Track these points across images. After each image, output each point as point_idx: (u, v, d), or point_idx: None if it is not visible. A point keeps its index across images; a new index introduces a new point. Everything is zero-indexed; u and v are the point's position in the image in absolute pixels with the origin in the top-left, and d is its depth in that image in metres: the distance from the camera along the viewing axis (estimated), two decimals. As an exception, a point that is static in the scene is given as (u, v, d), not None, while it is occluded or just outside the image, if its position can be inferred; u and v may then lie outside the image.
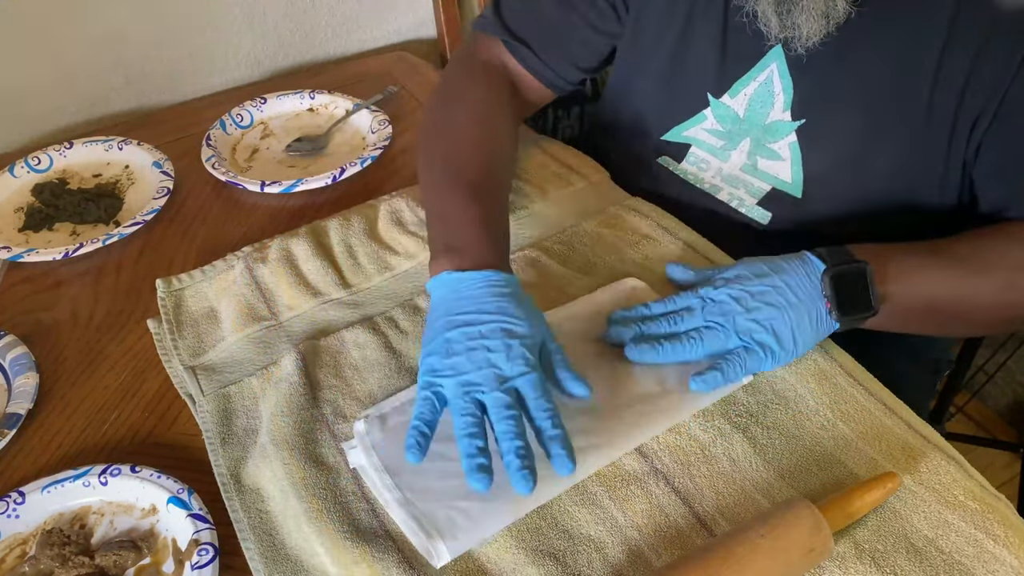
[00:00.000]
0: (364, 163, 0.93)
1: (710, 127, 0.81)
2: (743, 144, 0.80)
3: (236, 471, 0.60)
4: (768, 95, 0.76)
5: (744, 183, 0.81)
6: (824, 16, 0.66)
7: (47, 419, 0.67)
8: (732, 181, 0.82)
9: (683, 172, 0.85)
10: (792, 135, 0.76)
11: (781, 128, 0.77)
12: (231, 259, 0.78)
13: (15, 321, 0.76)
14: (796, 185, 0.78)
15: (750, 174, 0.81)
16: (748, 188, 0.81)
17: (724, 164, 0.82)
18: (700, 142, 0.83)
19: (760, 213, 0.81)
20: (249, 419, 0.64)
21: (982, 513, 0.54)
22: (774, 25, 0.69)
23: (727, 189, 0.82)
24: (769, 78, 0.76)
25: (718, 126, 0.81)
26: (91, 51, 1.06)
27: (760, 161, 0.79)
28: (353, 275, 0.76)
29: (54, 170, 0.97)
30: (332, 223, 0.81)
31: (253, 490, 0.59)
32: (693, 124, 0.83)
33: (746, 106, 0.78)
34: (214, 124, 1.01)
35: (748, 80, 0.77)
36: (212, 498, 0.58)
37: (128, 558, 0.55)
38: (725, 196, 0.83)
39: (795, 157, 0.77)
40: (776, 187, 0.79)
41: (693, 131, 0.83)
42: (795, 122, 0.76)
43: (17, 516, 0.58)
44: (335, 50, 1.25)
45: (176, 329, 0.72)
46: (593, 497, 0.57)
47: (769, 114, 0.77)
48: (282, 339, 0.70)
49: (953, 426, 1.61)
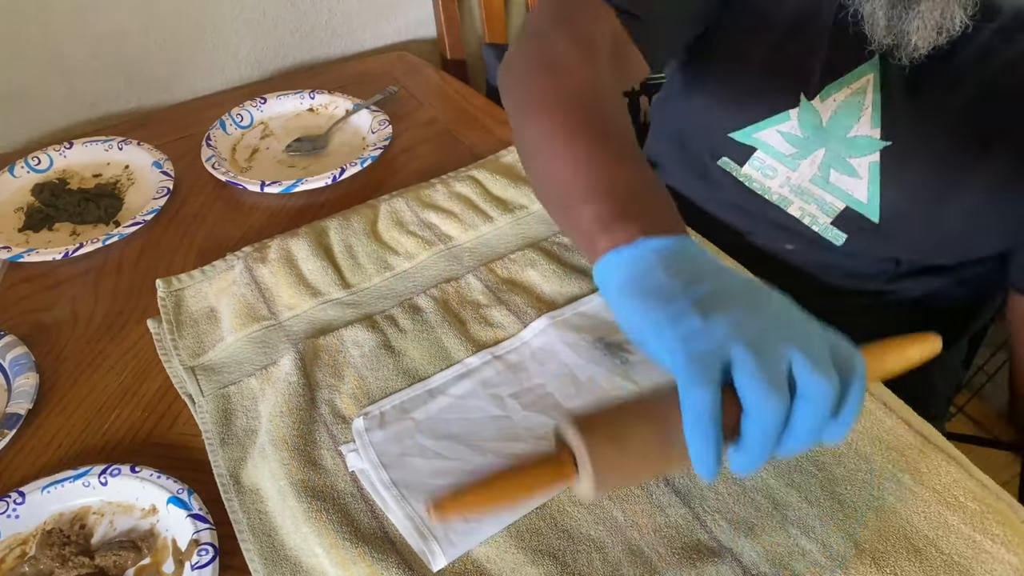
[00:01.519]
0: (364, 163, 0.93)
1: (788, 130, 0.75)
2: (816, 154, 0.74)
3: (235, 471, 0.60)
4: (858, 106, 0.71)
5: (816, 198, 0.75)
6: (937, 27, 0.62)
7: (47, 419, 0.67)
8: (802, 194, 0.76)
9: (747, 178, 0.79)
10: (876, 154, 0.71)
11: (865, 144, 0.71)
12: (231, 259, 0.78)
13: (15, 321, 0.76)
14: (873, 208, 0.72)
15: (821, 187, 0.75)
16: (820, 204, 0.75)
17: (792, 173, 0.76)
18: (768, 147, 0.77)
19: (835, 234, 0.75)
20: (248, 419, 0.64)
21: (981, 514, 0.54)
22: (880, 28, 0.64)
23: (798, 203, 0.77)
24: (863, 88, 0.71)
25: (798, 131, 0.75)
26: (91, 51, 1.06)
27: (833, 174, 0.74)
28: (353, 275, 0.76)
29: (54, 170, 0.97)
30: (332, 223, 0.81)
31: (252, 490, 0.59)
32: (771, 124, 0.76)
33: (832, 114, 0.73)
34: (214, 124, 1.01)
35: (841, 86, 0.72)
36: (212, 498, 0.58)
37: (128, 558, 0.55)
38: (796, 211, 0.77)
39: (873, 177, 0.71)
40: (851, 206, 0.73)
41: (767, 133, 0.77)
42: (883, 141, 0.70)
43: (17, 516, 0.58)
44: (335, 50, 1.25)
45: (176, 329, 0.72)
46: None
47: (853, 127, 0.72)
48: (282, 339, 0.70)
49: (953, 426, 1.60)
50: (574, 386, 0.64)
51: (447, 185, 0.87)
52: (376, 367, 0.66)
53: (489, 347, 0.68)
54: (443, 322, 0.70)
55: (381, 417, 0.61)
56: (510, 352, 0.67)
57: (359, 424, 0.60)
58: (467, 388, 0.64)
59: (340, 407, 0.64)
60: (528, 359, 0.66)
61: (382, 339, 0.69)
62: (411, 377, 0.66)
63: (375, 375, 0.66)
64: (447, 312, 0.71)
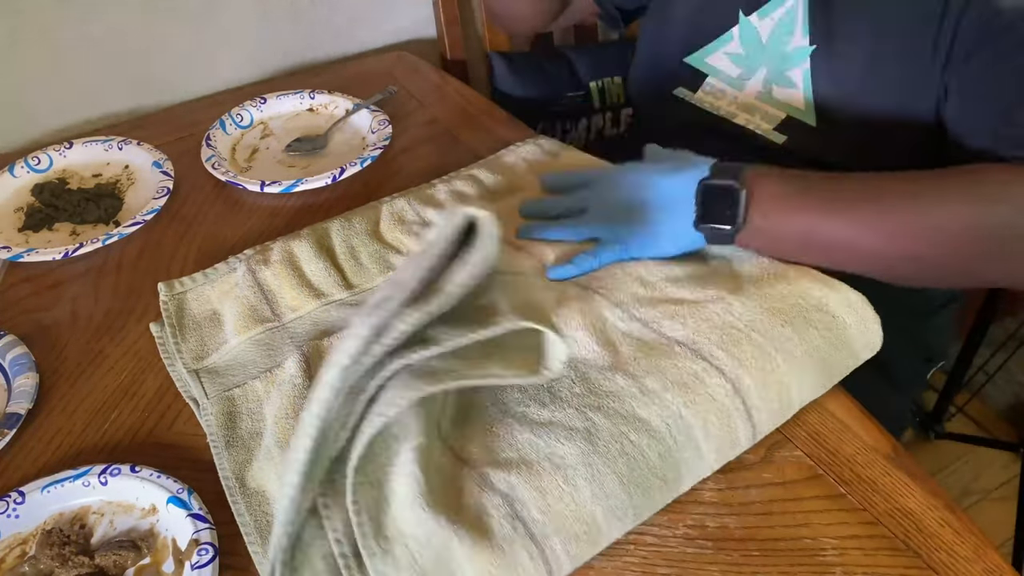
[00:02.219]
0: (364, 163, 0.93)
1: (733, 50, 0.85)
2: (759, 73, 0.84)
3: (241, 474, 0.60)
4: (792, 21, 0.80)
5: (760, 110, 0.85)
6: None
7: (47, 419, 0.67)
8: (748, 109, 0.86)
9: (699, 102, 0.90)
10: (807, 61, 0.79)
11: (798, 55, 0.80)
12: (233, 262, 0.78)
13: (15, 321, 0.76)
14: (809, 112, 0.80)
15: (765, 101, 0.84)
16: (764, 115, 0.84)
17: (739, 93, 0.86)
18: (718, 71, 0.87)
19: (776, 136, 0.84)
20: (253, 422, 0.64)
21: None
22: None
23: (743, 115, 0.86)
24: (796, 3, 0.79)
25: (740, 49, 0.85)
26: (91, 51, 1.06)
27: (775, 89, 0.83)
28: (356, 276, 0.76)
29: (54, 170, 0.97)
30: (334, 224, 0.81)
31: (258, 493, 0.59)
32: (718, 46, 0.87)
33: (771, 30, 0.82)
34: (214, 124, 1.01)
35: (777, 5, 0.81)
36: (212, 498, 0.58)
37: (128, 558, 0.55)
38: (742, 120, 0.86)
39: (806, 84, 0.80)
40: (790, 114, 0.82)
41: (715, 57, 0.87)
42: (810, 47, 0.79)
43: (17, 516, 0.58)
44: (335, 50, 1.25)
45: (179, 333, 0.71)
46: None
47: (790, 41, 0.80)
48: (285, 341, 0.70)
49: (953, 426, 1.61)
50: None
51: (448, 184, 0.87)
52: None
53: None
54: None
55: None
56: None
57: None
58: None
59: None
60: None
61: None
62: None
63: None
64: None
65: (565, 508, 0.53)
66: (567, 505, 0.53)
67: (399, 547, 0.51)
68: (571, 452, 0.55)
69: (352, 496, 0.52)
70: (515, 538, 0.51)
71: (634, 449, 0.55)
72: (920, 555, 0.54)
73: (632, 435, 0.56)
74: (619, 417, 0.57)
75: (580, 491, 0.53)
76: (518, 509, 0.52)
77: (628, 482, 0.54)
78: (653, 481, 0.55)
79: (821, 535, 0.55)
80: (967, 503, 1.51)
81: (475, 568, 0.50)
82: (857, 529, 0.56)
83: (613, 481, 0.54)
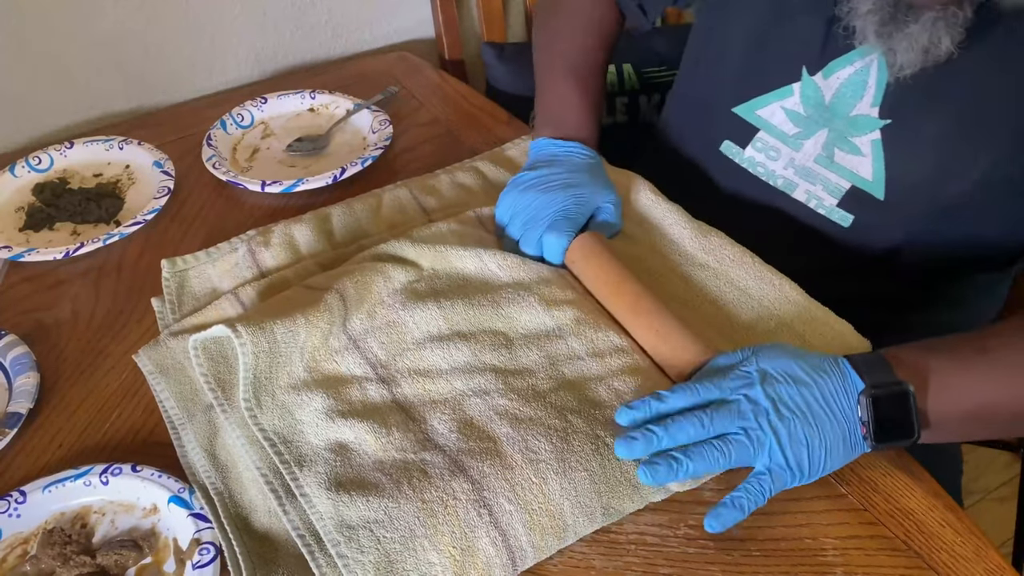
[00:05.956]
0: (365, 163, 0.93)
1: (791, 107, 0.76)
2: (819, 134, 0.75)
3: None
4: (861, 85, 0.72)
5: (821, 178, 0.76)
6: (924, 51, 0.63)
7: (48, 418, 0.67)
8: (807, 175, 0.77)
9: (749, 163, 0.80)
10: (876, 132, 0.72)
11: (866, 123, 0.72)
12: (235, 242, 0.79)
13: (16, 321, 0.76)
14: (878, 184, 0.73)
15: (826, 167, 0.76)
16: (826, 185, 0.76)
17: (796, 153, 0.77)
18: (771, 127, 0.78)
19: (841, 215, 0.76)
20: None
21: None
22: (870, 41, 0.66)
23: (803, 186, 0.77)
24: (867, 68, 0.71)
25: (800, 108, 0.76)
26: (91, 51, 1.06)
27: (838, 154, 0.75)
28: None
29: (55, 170, 0.96)
30: (335, 210, 0.82)
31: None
32: (774, 99, 0.77)
33: (835, 92, 0.73)
34: (215, 124, 1.00)
35: (845, 63, 0.72)
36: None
37: (129, 557, 0.55)
38: (802, 195, 0.78)
39: (877, 155, 0.72)
40: (856, 185, 0.74)
41: (770, 109, 0.78)
42: (882, 120, 0.72)
43: (18, 515, 0.58)
44: (335, 50, 1.25)
45: (178, 308, 0.73)
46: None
47: (856, 106, 0.72)
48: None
49: (953, 426, 1.60)
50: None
51: (451, 175, 0.88)
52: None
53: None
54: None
55: None
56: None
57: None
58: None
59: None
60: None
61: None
62: None
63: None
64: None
65: (534, 500, 0.54)
66: (535, 497, 0.54)
67: (364, 532, 0.52)
68: (546, 448, 0.56)
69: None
70: (479, 524, 0.53)
71: (608, 451, 0.56)
72: (921, 555, 0.54)
73: (608, 439, 0.57)
74: (597, 422, 0.59)
75: (549, 484, 0.55)
76: (487, 497, 0.54)
77: (599, 480, 0.56)
78: (623, 482, 0.56)
79: (822, 535, 0.56)
80: (967, 503, 1.51)
81: (438, 551, 0.51)
82: (858, 529, 0.56)
83: (584, 478, 0.55)
